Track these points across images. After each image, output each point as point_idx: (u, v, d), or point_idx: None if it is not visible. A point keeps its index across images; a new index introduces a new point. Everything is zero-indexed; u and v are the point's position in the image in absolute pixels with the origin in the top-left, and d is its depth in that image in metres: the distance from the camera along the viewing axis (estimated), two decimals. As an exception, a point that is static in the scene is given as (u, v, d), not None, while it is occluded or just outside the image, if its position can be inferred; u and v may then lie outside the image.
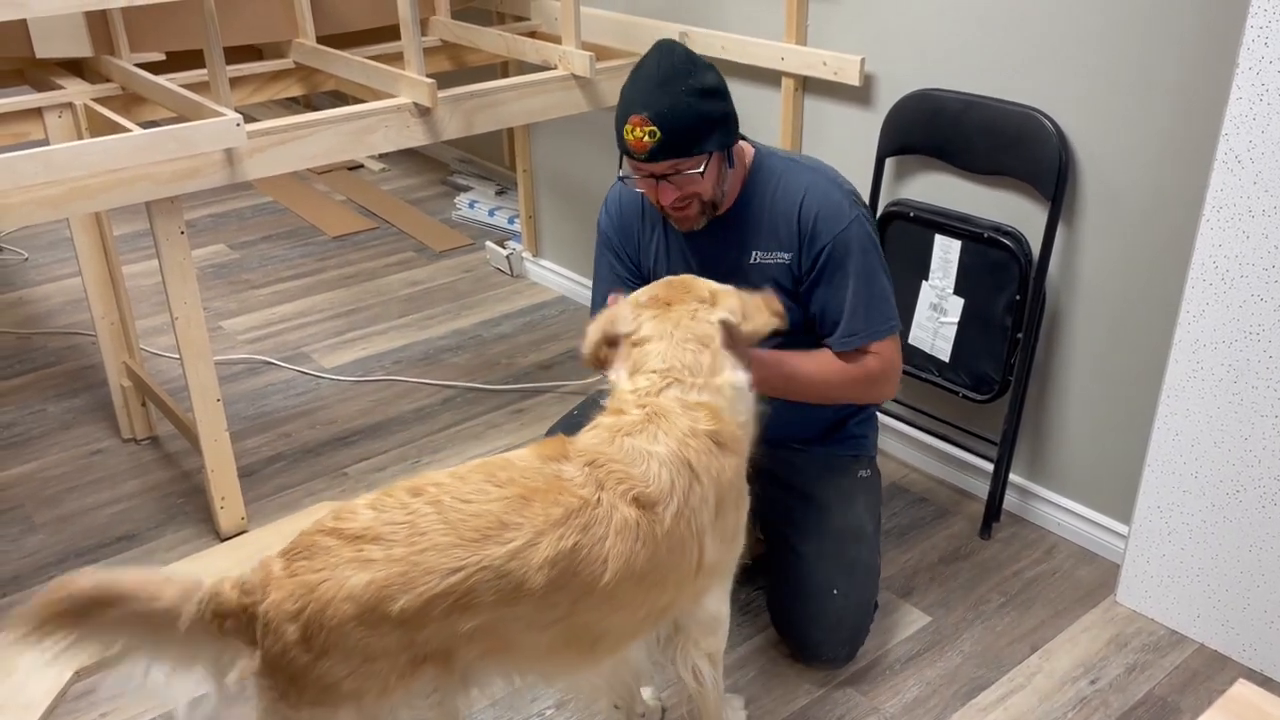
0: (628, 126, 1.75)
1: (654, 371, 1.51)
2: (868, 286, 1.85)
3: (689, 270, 1.97)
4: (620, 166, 1.87)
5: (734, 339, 1.58)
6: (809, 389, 1.87)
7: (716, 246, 1.93)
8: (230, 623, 1.28)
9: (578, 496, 1.36)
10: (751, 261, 1.91)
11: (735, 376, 1.55)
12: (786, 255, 1.89)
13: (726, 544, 1.54)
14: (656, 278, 1.99)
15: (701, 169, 1.78)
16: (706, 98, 1.76)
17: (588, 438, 1.46)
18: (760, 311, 1.62)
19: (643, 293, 1.63)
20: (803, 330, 1.93)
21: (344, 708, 1.28)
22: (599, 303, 2.05)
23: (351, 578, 1.24)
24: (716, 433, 1.47)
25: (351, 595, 1.24)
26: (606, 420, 1.49)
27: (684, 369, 1.51)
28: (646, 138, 1.73)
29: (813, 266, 1.87)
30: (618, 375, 1.56)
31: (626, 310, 1.60)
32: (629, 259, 2.03)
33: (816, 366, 1.86)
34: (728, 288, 1.63)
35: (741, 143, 1.90)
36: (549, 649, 1.40)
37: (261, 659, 1.28)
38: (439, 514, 1.29)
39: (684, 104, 1.73)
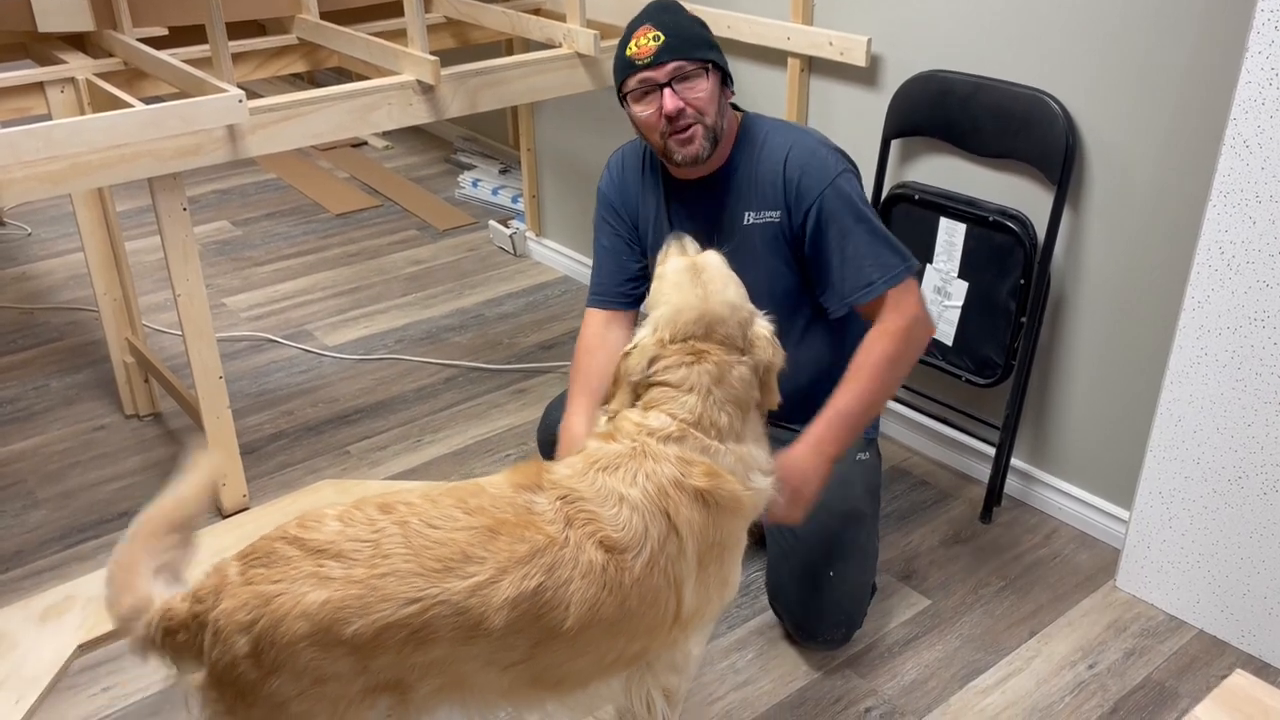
0: (632, 40, 1.82)
1: (674, 417, 1.43)
2: (870, 235, 1.82)
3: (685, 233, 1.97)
4: (620, 91, 1.87)
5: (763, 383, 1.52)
6: (872, 403, 1.81)
7: (711, 210, 1.93)
8: (182, 636, 1.24)
9: (545, 534, 1.31)
10: (745, 223, 1.91)
11: (754, 451, 1.48)
12: (775, 214, 1.88)
13: (713, 593, 1.47)
14: (654, 243, 1.99)
15: (704, 77, 1.80)
16: (704, 28, 1.87)
17: (565, 467, 1.41)
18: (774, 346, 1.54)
19: (663, 316, 1.50)
20: (800, 293, 1.92)
21: None
22: (599, 271, 2.04)
23: (308, 594, 1.20)
24: (707, 492, 1.40)
25: (306, 613, 1.19)
26: (592, 445, 1.44)
27: (712, 427, 1.43)
28: (651, 42, 1.79)
29: (804, 224, 1.85)
30: (622, 403, 1.49)
31: (649, 347, 1.49)
32: (628, 219, 2.03)
33: (859, 387, 1.78)
34: (754, 310, 1.55)
35: (732, 110, 1.92)
36: (509, 689, 1.35)
37: (208, 670, 1.24)
38: (404, 537, 1.25)
39: (686, 18, 1.85)
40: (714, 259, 1.57)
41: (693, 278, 1.52)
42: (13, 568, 2.23)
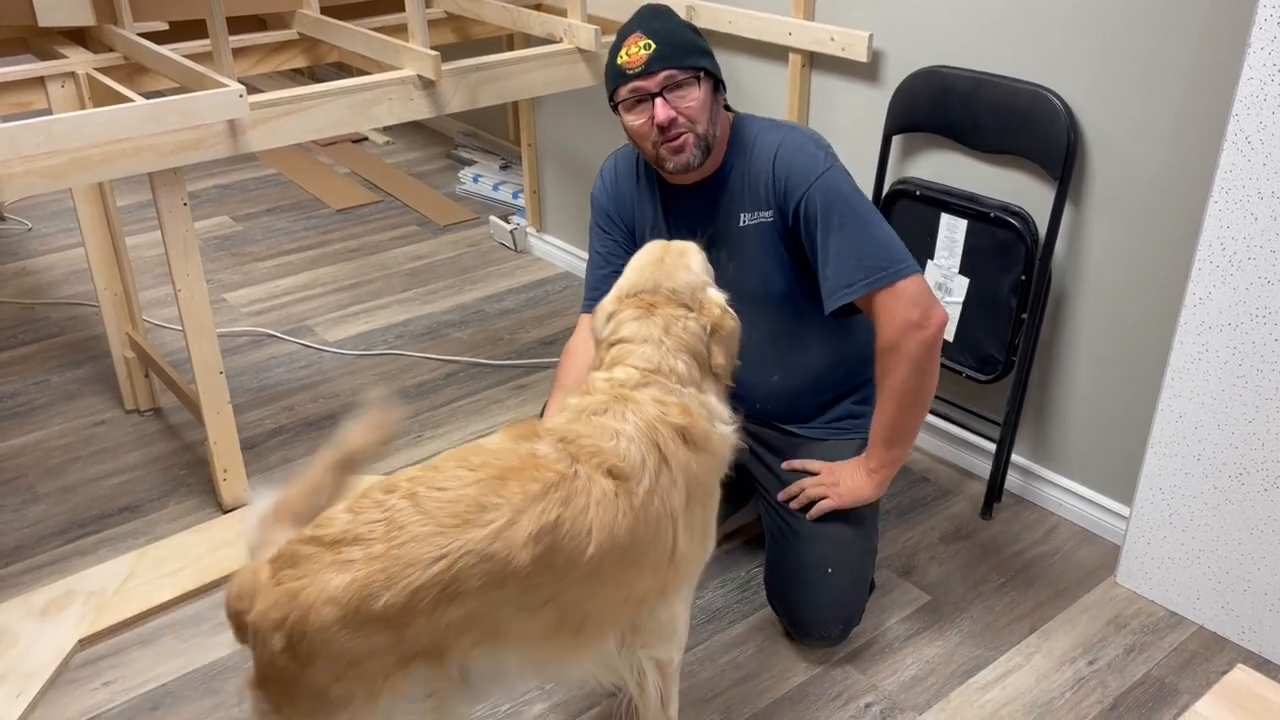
0: (623, 49, 1.81)
1: (635, 368, 1.51)
2: (857, 233, 1.79)
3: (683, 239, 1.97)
4: (612, 100, 1.86)
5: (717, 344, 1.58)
6: (911, 415, 1.85)
7: (707, 214, 1.93)
8: (240, 630, 1.28)
9: (555, 470, 1.35)
10: (741, 225, 1.90)
11: (714, 402, 1.56)
12: (769, 214, 1.88)
13: (697, 539, 1.53)
14: None
15: (696, 86, 1.80)
16: (696, 34, 1.87)
17: (556, 419, 1.47)
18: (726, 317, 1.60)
19: (625, 281, 1.62)
20: (799, 293, 1.91)
21: (337, 718, 1.25)
22: (594, 278, 2.04)
23: (331, 580, 1.22)
24: (685, 428, 1.47)
25: (332, 598, 1.21)
26: (573, 401, 1.50)
27: (671, 373, 1.51)
28: (642, 50, 1.78)
29: (796, 222, 1.83)
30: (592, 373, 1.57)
31: (607, 305, 1.60)
32: (623, 225, 2.03)
33: (893, 403, 1.83)
34: (708, 281, 1.62)
35: (724, 113, 1.91)
36: (540, 633, 1.38)
37: (255, 670, 1.26)
38: (415, 506, 1.27)
39: (678, 25, 1.85)
40: (687, 245, 1.67)
41: (657, 253, 1.64)
42: (13, 562, 2.24)
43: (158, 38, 2.53)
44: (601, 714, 1.85)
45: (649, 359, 1.51)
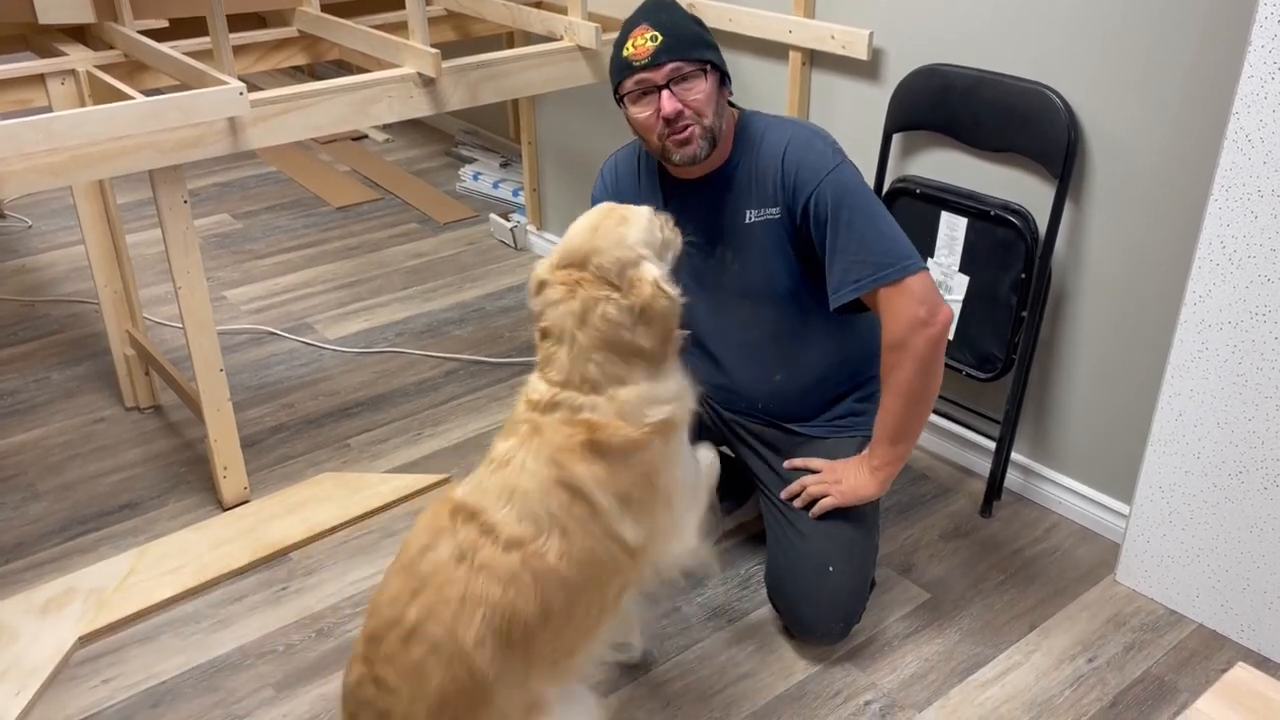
0: (629, 41, 1.80)
1: (549, 383, 1.50)
2: (865, 229, 1.78)
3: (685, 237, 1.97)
4: (617, 92, 1.86)
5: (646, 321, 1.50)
6: (917, 412, 1.85)
7: (712, 210, 1.92)
8: None
9: (458, 579, 1.39)
10: (747, 222, 1.90)
11: (643, 390, 1.50)
12: (775, 210, 1.87)
13: (659, 511, 1.52)
14: None
15: (702, 78, 1.79)
16: (702, 27, 1.85)
17: (470, 482, 1.48)
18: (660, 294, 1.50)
19: (560, 246, 1.55)
20: (805, 290, 1.91)
21: None
22: None
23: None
24: (594, 444, 1.45)
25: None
26: (498, 447, 1.49)
27: (583, 382, 1.48)
28: (649, 42, 1.77)
29: (805, 218, 1.83)
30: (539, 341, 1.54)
31: (541, 271, 1.55)
32: None
33: (899, 400, 1.82)
34: (643, 254, 1.52)
35: (729, 108, 1.90)
36: (545, 673, 1.45)
37: None
38: (403, 677, 1.38)
39: (683, 17, 1.84)
40: (631, 211, 1.59)
41: (594, 218, 1.57)
42: (13, 560, 2.24)
43: (158, 35, 2.53)
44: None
45: (561, 368, 1.49)
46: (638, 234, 1.54)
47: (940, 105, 2.24)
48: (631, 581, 1.53)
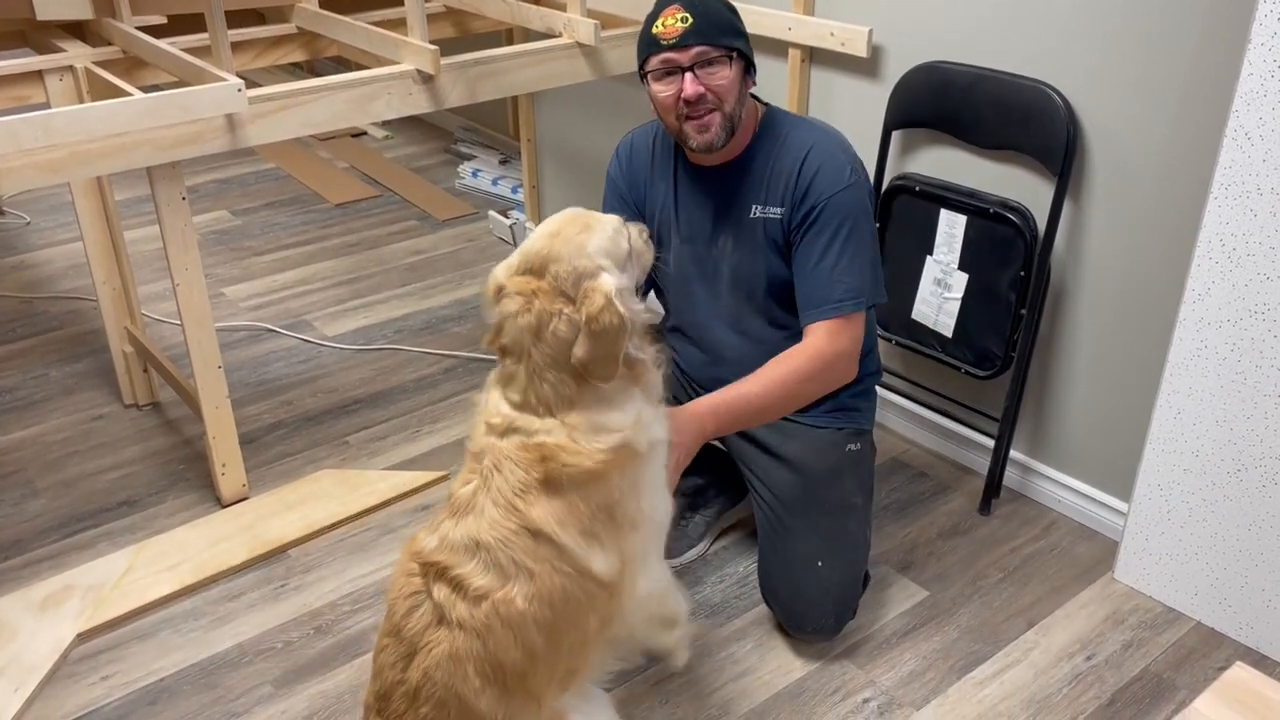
0: (659, 19, 1.80)
1: (507, 402, 1.46)
2: (853, 255, 1.83)
3: (692, 225, 1.97)
4: (641, 69, 1.86)
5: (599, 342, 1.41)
6: (766, 408, 1.84)
7: (720, 199, 1.93)
8: None
9: (439, 638, 1.40)
10: (751, 216, 1.91)
11: (591, 415, 1.43)
12: (779, 210, 1.88)
13: (625, 543, 1.48)
14: (662, 229, 1.99)
15: (728, 65, 1.79)
16: (734, 13, 1.85)
17: (437, 532, 1.45)
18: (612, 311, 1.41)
19: (522, 248, 1.49)
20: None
21: None
22: None
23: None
24: (548, 481, 1.40)
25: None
26: (459, 492, 1.46)
27: (538, 403, 1.43)
28: (679, 23, 1.77)
29: (802, 222, 1.85)
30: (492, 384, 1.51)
31: (499, 274, 1.50)
32: (634, 206, 2.04)
33: (764, 388, 1.82)
34: (602, 265, 1.44)
35: (753, 100, 1.91)
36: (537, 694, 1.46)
37: None
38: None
39: (717, 1, 1.83)
40: (595, 219, 1.51)
41: (556, 225, 1.50)
42: (11, 556, 2.24)
43: (156, 31, 2.52)
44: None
45: (519, 387, 1.44)
46: (599, 243, 1.46)
47: (940, 103, 2.24)
48: (613, 612, 1.50)
